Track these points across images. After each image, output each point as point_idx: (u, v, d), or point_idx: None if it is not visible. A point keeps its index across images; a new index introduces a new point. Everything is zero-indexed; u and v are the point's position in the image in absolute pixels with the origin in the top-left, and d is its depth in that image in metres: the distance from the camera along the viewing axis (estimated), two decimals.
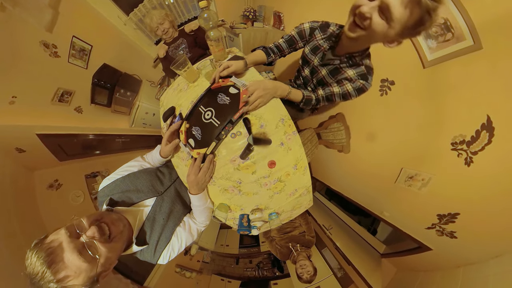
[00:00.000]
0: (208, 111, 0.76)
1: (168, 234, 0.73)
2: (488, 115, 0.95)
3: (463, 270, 1.20)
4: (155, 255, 0.70)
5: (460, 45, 0.96)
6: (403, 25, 0.53)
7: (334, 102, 0.83)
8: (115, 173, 0.82)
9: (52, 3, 1.44)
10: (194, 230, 0.80)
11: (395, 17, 0.51)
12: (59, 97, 1.72)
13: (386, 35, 0.57)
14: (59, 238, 0.50)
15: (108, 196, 0.72)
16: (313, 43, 0.86)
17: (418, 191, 1.32)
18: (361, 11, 0.55)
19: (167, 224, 0.73)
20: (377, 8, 0.53)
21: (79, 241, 0.51)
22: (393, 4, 0.50)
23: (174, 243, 0.73)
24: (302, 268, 1.45)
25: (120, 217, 0.66)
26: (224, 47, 0.90)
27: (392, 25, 0.53)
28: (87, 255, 0.51)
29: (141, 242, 0.68)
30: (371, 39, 0.62)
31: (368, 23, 0.56)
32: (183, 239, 0.75)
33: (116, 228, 0.60)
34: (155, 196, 0.77)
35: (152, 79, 2.56)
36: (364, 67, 0.75)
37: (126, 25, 2.10)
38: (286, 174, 0.77)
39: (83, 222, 0.55)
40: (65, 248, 0.49)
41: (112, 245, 0.57)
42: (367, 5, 0.54)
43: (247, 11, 2.31)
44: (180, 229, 0.76)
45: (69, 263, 0.48)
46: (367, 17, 0.55)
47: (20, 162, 1.63)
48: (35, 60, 1.48)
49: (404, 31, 0.55)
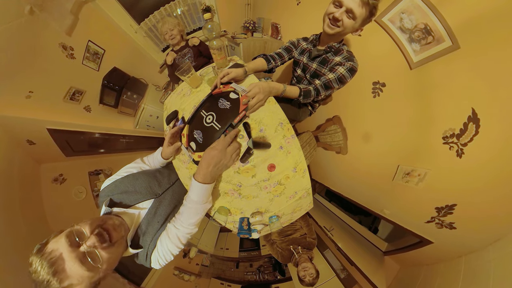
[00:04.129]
0: (210, 115, 0.78)
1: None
2: (473, 107, 1.02)
3: (465, 259, 1.20)
4: (147, 259, 0.68)
5: (441, 47, 1.06)
6: (363, 18, 0.79)
7: (333, 88, 0.88)
8: (116, 174, 0.81)
9: (74, 10, 1.59)
10: (174, 236, 0.68)
11: (357, 15, 0.77)
12: (70, 96, 1.81)
13: (353, 28, 0.82)
14: (60, 248, 0.50)
15: (108, 196, 0.72)
16: (299, 48, 1.07)
17: (415, 187, 1.35)
18: (334, 16, 0.79)
19: (161, 228, 0.71)
20: (345, 12, 0.77)
21: (80, 251, 0.51)
22: (354, 7, 0.76)
23: (159, 249, 0.68)
24: (305, 271, 1.42)
25: (121, 221, 0.65)
26: (225, 55, 0.95)
27: (357, 21, 0.79)
28: (89, 264, 0.51)
29: (135, 245, 0.67)
30: (344, 33, 0.85)
31: (341, 23, 0.80)
32: (166, 246, 0.68)
33: (118, 234, 0.60)
34: (152, 198, 0.76)
35: (157, 84, 2.68)
36: (345, 52, 0.91)
37: (137, 33, 2.26)
38: (285, 177, 0.77)
39: (83, 230, 0.54)
40: (66, 258, 0.49)
41: (113, 250, 0.57)
42: (338, 11, 0.78)
43: (247, 23, 2.50)
44: (163, 235, 0.69)
45: (71, 273, 0.49)
46: (339, 19, 0.79)
47: (30, 153, 1.68)
48: (53, 60, 1.59)
49: (363, 22, 0.81)
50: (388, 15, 1.25)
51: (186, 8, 2.42)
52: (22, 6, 1.24)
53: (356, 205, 1.94)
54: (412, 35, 1.18)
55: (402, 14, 1.19)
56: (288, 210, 0.87)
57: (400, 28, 1.23)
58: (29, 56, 1.42)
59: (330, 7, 0.81)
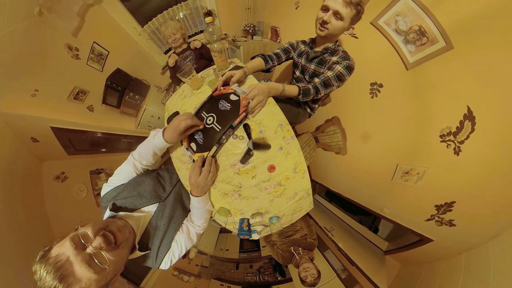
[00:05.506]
0: (210, 117, 0.78)
1: (169, 240, 0.72)
2: (468, 105, 1.05)
3: (465, 256, 1.20)
4: (157, 260, 0.69)
5: (435, 47, 1.10)
6: (351, 18, 0.84)
7: (332, 86, 0.90)
8: (111, 179, 0.79)
9: (80, 13, 1.64)
10: (193, 234, 0.79)
11: (344, 16, 0.83)
12: (74, 95, 1.85)
13: (344, 27, 0.88)
14: (65, 252, 0.49)
15: (111, 202, 0.72)
16: (298, 50, 1.12)
17: (414, 185, 1.36)
18: (323, 19, 0.87)
19: (168, 229, 0.73)
20: (332, 14, 0.84)
21: (86, 253, 0.50)
22: (340, 9, 0.82)
23: (174, 249, 0.72)
24: (306, 271, 1.41)
25: (126, 223, 0.65)
26: (226, 58, 0.97)
27: (345, 21, 0.85)
28: (96, 266, 0.50)
29: (144, 248, 0.67)
30: (336, 33, 0.91)
31: (329, 25, 0.87)
32: (183, 244, 0.74)
33: (122, 235, 0.60)
34: (157, 202, 0.77)
35: (159, 85, 2.72)
36: (341, 52, 0.96)
37: (140, 35, 2.32)
38: (285, 178, 0.77)
39: (88, 233, 0.53)
40: (73, 261, 0.48)
41: (119, 252, 0.57)
42: (325, 15, 0.86)
43: (247, 26, 2.57)
44: (179, 234, 0.75)
45: (79, 276, 0.47)
46: (327, 22, 0.86)
47: (33, 151, 1.70)
48: (58, 60, 1.63)
49: (352, 21, 0.86)
50: (383, 18, 1.30)
51: (188, 12, 2.49)
52: (32, 7, 1.29)
53: (356, 205, 1.94)
54: (407, 36, 1.23)
55: (397, 16, 1.24)
56: (288, 211, 0.86)
57: (395, 30, 1.27)
58: (36, 55, 1.46)
59: (319, 13, 0.89)
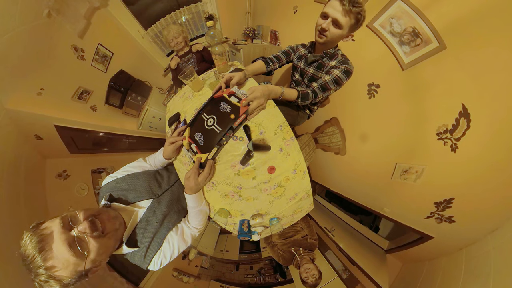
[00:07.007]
0: (211, 118, 0.79)
1: (160, 240, 0.70)
2: (463, 103, 1.08)
3: (465, 251, 1.21)
4: (145, 260, 0.67)
5: (429, 48, 1.14)
6: (349, 26, 0.84)
7: (330, 90, 0.92)
8: (117, 172, 0.83)
9: (87, 15, 1.70)
10: (188, 235, 0.77)
11: (343, 24, 0.83)
12: (78, 95, 1.88)
13: (342, 35, 0.87)
14: (52, 227, 0.50)
15: (108, 192, 0.73)
16: (298, 53, 1.13)
17: (413, 183, 1.38)
18: (322, 27, 0.87)
19: (160, 228, 0.71)
20: (331, 22, 0.84)
21: (70, 234, 0.51)
22: (339, 17, 0.81)
23: (165, 249, 0.70)
24: (307, 272, 1.40)
25: (117, 215, 0.65)
26: (226, 61, 0.97)
27: (343, 29, 0.84)
28: (76, 250, 0.50)
29: (132, 244, 0.66)
30: (334, 40, 0.92)
31: (328, 32, 0.87)
32: (175, 245, 0.72)
33: (112, 225, 0.60)
34: (151, 198, 0.77)
35: (161, 87, 2.77)
36: (340, 56, 0.96)
37: (144, 38, 2.38)
38: (285, 179, 0.77)
39: (78, 215, 0.55)
40: (55, 238, 0.49)
41: (105, 241, 0.56)
42: (324, 23, 0.86)
43: (247, 30, 2.65)
44: (172, 234, 0.73)
45: (57, 254, 0.48)
46: (326, 30, 0.87)
47: (37, 148, 1.73)
48: (64, 60, 1.67)
49: (351, 29, 0.86)
50: (378, 21, 1.35)
51: (190, 16, 2.57)
52: (41, 9, 1.34)
53: (356, 205, 1.95)
54: (402, 38, 1.27)
55: (392, 19, 1.29)
56: (288, 212, 0.86)
57: (390, 32, 1.32)
58: (43, 55, 1.50)
59: (319, 19, 0.89)
